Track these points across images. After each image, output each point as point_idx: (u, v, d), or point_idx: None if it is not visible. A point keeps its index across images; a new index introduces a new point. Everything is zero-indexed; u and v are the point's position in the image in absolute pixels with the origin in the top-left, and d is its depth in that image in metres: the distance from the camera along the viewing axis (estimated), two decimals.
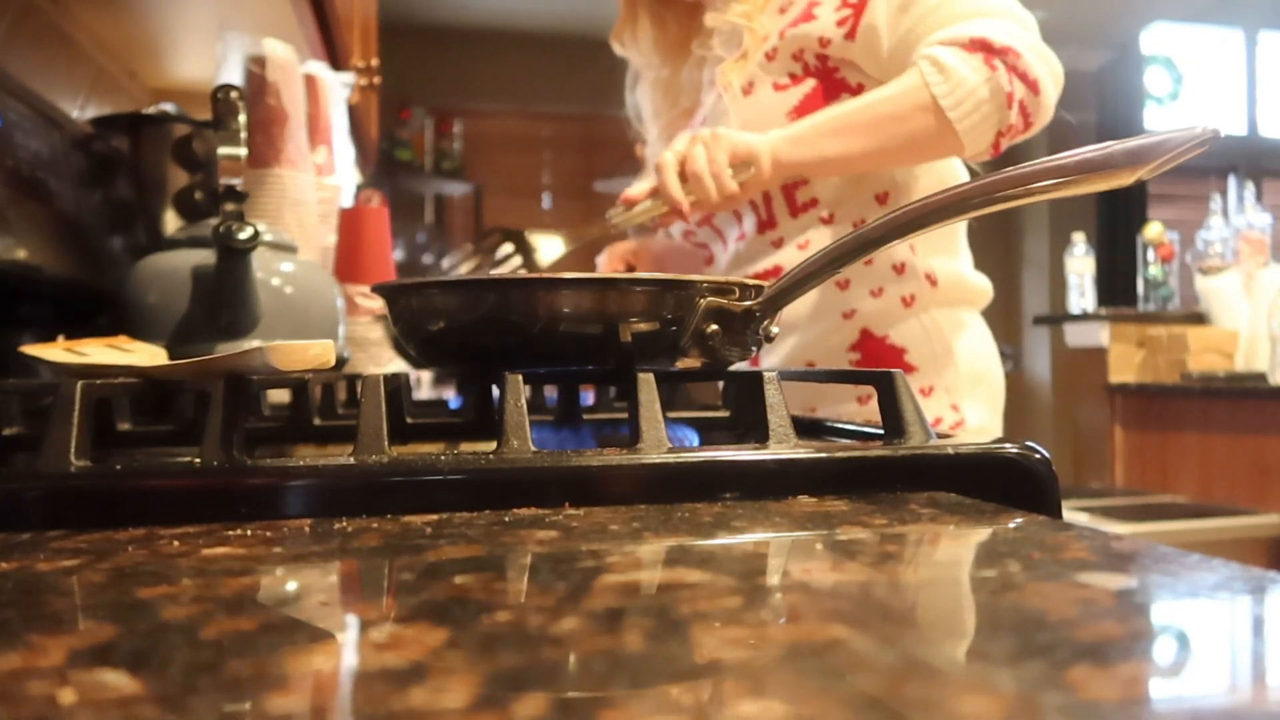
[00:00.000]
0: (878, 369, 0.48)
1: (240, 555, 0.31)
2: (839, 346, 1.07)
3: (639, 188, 1.04)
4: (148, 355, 0.67)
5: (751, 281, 0.53)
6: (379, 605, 0.27)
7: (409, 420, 0.64)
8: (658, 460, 0.40)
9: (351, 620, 0.26)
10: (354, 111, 1.68)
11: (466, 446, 0.60)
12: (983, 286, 1.14)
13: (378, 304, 1.35)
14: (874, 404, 0.48)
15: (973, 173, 1.14)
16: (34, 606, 0.26)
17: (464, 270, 1.16)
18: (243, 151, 0.79)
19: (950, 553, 0.33)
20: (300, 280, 0.86)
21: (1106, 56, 5.28)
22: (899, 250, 1.05)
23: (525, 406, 0.42)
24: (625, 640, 0.22)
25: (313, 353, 0.41)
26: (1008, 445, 0.43)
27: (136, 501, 0.37)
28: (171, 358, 0.68)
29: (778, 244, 1.10)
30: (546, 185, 5.01)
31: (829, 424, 0.60)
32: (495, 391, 0.61)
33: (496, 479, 0.39)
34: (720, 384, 0.76)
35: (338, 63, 1.38)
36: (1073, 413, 3.21)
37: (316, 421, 0.63)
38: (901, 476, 0.42)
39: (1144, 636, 0.23)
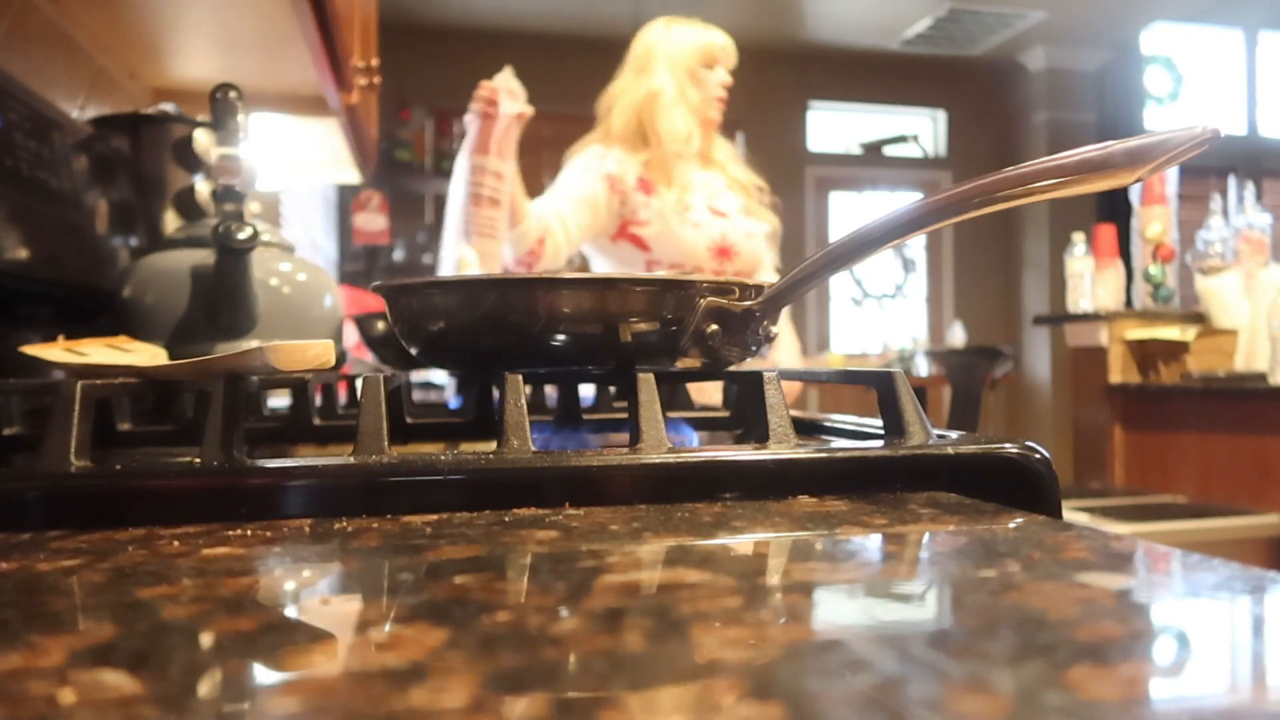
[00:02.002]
0: (877, 369, 0.48)
1: (240, 555, 0.31)
2: None
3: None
4: (148, 355, 0.67)
5: (751, 282, 0.53)
6: (379, 605, 0.27)
7: (409, 420, 0.64)
8: (658, 460, 0.40)
9: (351, 620, 0.26)
10: (354, 111, 1.68)
11: (466, 446, 0.60)
12: None
13: None
14: None
15: None
16: (34, 606, 0.26)
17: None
18: (241, 152, 0.79)
19: (950, 553, 0.33)
20: (299, 280, 0.86)
21: (1106, 56, 5.28)
22: None
23: (525, 406, 0.42)
24: (625, 640, 0.22)
25: (312, 353, 0.41)
26: (1008, 445, 0.43)
27: (136, 501, 0.37)
28: (171, 358, 0.68)
29: None
30: (546, 185, 5.01)
31: (829, 423, 0.60)
32: (495, 391, 0.61)
33: (496, 479, 0.39)
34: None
35: (338, 63, 1.38)
36: (1073, 413, 3.21)
37: (316, 421, 0.63)
38: (901, 476, 0.42)
39: (1144, 636, 0.23)
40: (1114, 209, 4.40)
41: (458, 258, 1.56)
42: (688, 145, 1.82)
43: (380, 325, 1.27)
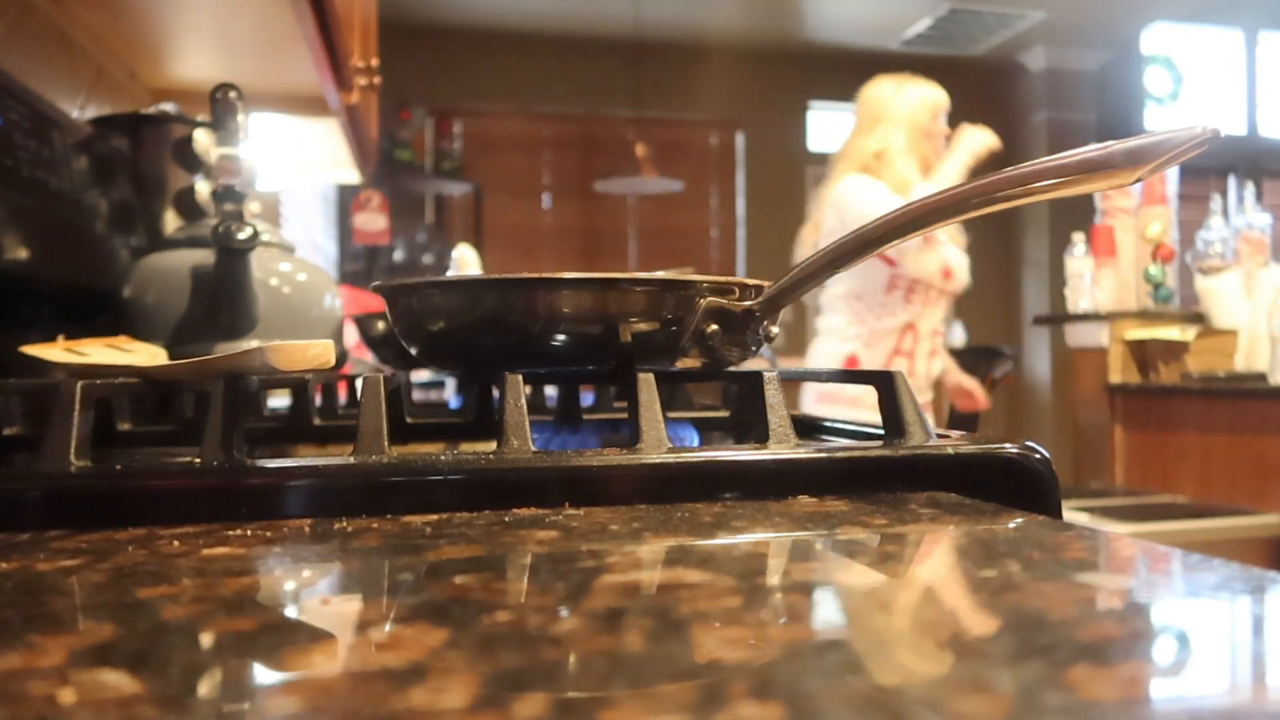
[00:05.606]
0: (877, 369, 0.48)
1: (240, 555, 0.31)
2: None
3: None
4: (148, 355, 0.67)
5: (751, 281, 0.53)
6: (379, 605, 0.27)
7: (409, 420, 0.64)
8: (658, 460, 0.40)
9: (351, 620, 0.26)
10: (354, 111, 1.68)
11: (466, 446, 0.60)
12: None
13: None
14: None
15: None
16: (34, 606, 0.26)
17: None
18: (241, 152, 0.79)
19: (950, 553, 0.33)
20: (299, 280, 0.86)
21: (1106, 56, 5.28)
22: None
23: (525, 406, 0.42)
24: (625, 640, 0.22)
25: (312, 353, 0.41)
26: (1008, 445, 0.43)
27: (136, 501, 0.37)
28: (171, 358, 0.68)
29: None
30: (546, 185, 5.01)
31: (829, 424, 0.60)
32: (495, 391, 0.61)
33: (496, 479, 0.39)
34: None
35: (338, 63, 1.38)
36: (1073, 413, 3.21)
37: (316, 421, 0.63)
38: (901, 476, 0.42)
39: (1144, 636, 0.23)
40: None
41: (459, 256, 1.55)
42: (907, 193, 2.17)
43: (380, 325, 1.27)
